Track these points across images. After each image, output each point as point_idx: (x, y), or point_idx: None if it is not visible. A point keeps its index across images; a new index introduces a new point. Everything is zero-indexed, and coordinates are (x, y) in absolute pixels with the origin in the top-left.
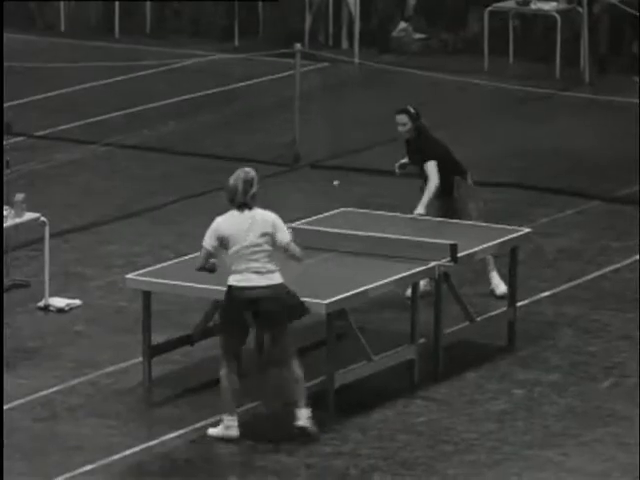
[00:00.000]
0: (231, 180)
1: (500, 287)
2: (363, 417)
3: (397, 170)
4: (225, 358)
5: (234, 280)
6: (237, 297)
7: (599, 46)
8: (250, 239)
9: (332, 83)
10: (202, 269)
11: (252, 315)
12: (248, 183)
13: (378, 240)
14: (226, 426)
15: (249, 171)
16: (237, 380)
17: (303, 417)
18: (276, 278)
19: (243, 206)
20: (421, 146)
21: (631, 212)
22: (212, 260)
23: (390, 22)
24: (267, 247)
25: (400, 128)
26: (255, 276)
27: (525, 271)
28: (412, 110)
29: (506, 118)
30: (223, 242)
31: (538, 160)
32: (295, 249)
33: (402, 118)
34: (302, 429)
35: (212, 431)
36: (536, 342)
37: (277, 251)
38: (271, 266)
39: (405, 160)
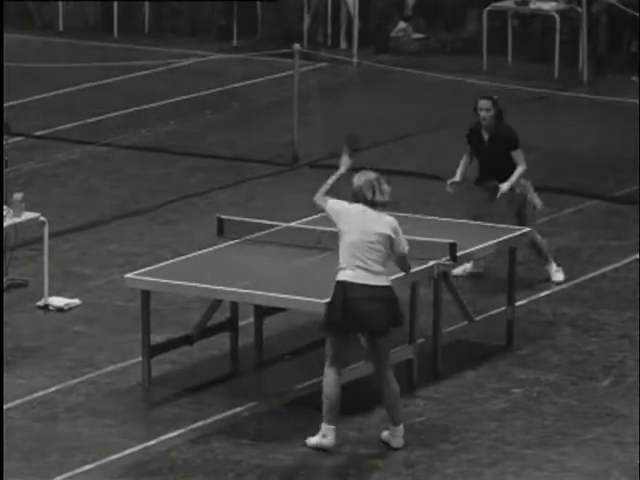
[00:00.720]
0: (361, 177)
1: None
2: (362, 417)
3: (449, 188)
4: (331, 362)
5: (345, 276)
6: (351, 293)
7: (598, 46)
8: (367, 235)
9: (331, 83)
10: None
11: (357, 315)
12: (379, 182)
13: None
14: (322, 434)
15: (376, 173)
16: (339, 388)
17: (398, 436)
18: (387, 280)
19: (373, 203)
20: (503, 133)
21: (630, 211)
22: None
23: (389, 22)
24: (381, 249)
25: (483, 114)
26: (368, 275)
27: (524, 270)
28: (495, 97)
29: (504, 118)
30: (338, 218)
31: (537, 160)
32: (408, 261)
33: (485, 103)
34: (395, 447)
35: (310, 441)
36: (535, 341)
37: (391, 258)
38: (382, 268)
39: (458, 179)
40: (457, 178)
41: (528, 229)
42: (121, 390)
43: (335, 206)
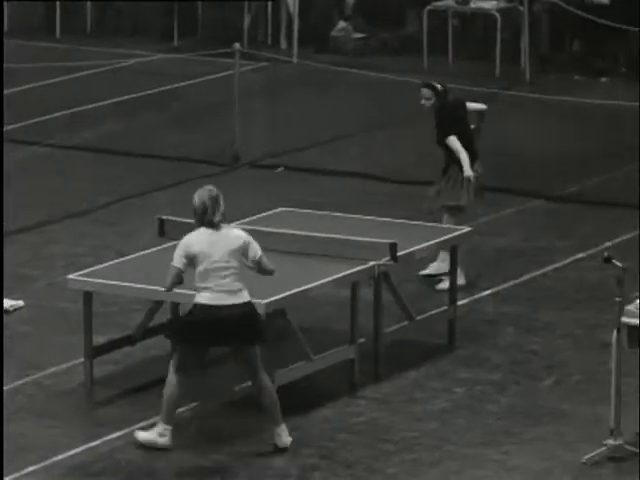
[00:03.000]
0: (197, 199)
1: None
2: (303, 417)
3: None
4: (179, 370)
5: (203, 298)
6: (205, 315)
7: (540, 45)
8: (219, 256)
9: (271, 82)
10: (171, 288)
11: (220, 333)
12: (215, 200)
13: (317, 240)
14: (160, 433)
15: (212, 189)
16: (181, 394)
17: (283, 434)
18: (246, 296)
19: (212, 224)
20: (441, 121)
21: (572, 211)
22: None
23: (329, 21)
24: (236, 265)
25: (423, 101)
26: (225, 295)
27: (466, 270)
28: (438, 86)
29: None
30: (192, 260)
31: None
32: (267, 263)
33: (426, 92)
34: (284, 448)
35: (142, 435)
36: (477, 341)
37: (247, 268)
38: (240, 284)
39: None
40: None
41: (469, 228)
42: (65, 391)
43: (185, 251)
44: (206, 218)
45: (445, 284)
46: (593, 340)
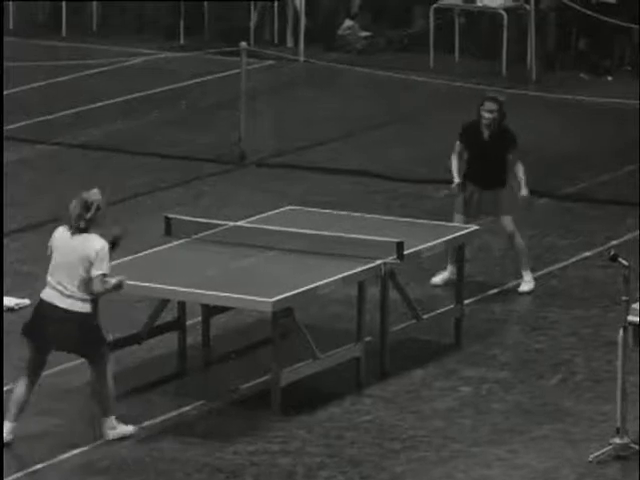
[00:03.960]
0: (73, 201)
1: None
2: (309, 415)
3: (455, 190)
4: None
5: (45, 294)
6: (43, 311)
7: (546, 43)
8: (70, 259)
9: (278, 81)
10: None
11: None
12: (85, 207)
13: (324, 238)
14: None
15: (91, 195)
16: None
17: (112, 427)
18: (82, 306)
19: (76, 229)
20: (504, 134)
21: (578, 209)
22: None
23: (335, 20)
24: (82, 272)
25: (487, 115)
26: (60, 296)
27: (472, 269)
28: (501, 98)
29: (452, 115)
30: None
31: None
32: (99, 286)
33: (491, 105)
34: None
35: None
36: (483, 339)
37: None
38: (82, 293)
39: (458, 179)
40: (458, 179)
41: (476, 227)
42: (70, 389)
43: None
44: (71, 222)
45: (438, 278)
46: (599, 339)
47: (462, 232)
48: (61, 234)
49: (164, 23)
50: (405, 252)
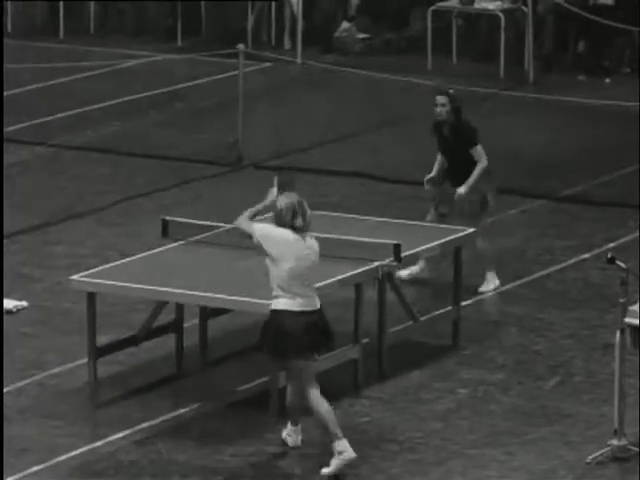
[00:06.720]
0: (284, 202)
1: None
2: (307, 417)
3: (426, 186)
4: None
5: (284, 304)
6: (295, 322)
7: (543, 45)
8: (306, 264)
9: (275, 83)
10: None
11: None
12: (301, 206)
13: (321, 240)
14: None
15: (298, 196)
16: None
17: (346, 448)
18: (319, 303)
19: (298, 229)
20: (461, 130)
21: (575, 211)
22: None
23: (333, 22)
24: (311, 273)
25: (439, 109)
26: (304, 301)
27: (469, 271)
28: (452, 92)
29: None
30: (271, 252)
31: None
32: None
33: (441, 99)
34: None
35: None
36: (481, 341)
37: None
38: (313, 292)
39: (433, 174)
40: (432, 173)
41: (473, 229)
42: (68, 391)
43: (264, 230)
44: (288, 219)
45: (405, 271)
46: (597, 341)
47: (460, 234)
48: (286, 236)
49: (162, 25)
50: (402, 254)
